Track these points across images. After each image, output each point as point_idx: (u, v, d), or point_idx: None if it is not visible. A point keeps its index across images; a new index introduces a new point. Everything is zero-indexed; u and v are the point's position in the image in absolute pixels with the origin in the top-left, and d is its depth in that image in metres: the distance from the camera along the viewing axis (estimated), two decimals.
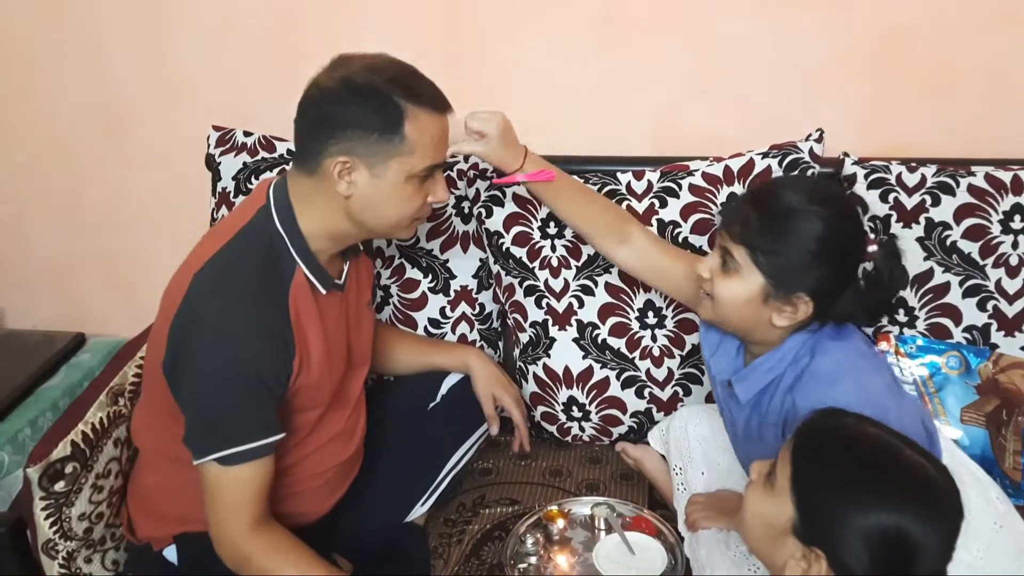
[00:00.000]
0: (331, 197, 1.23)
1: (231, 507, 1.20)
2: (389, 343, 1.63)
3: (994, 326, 1.57)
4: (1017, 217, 1.54)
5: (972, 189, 1.55)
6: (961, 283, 1.57)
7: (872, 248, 1.20)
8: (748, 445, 1.32)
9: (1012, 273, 1.55)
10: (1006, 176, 1.56)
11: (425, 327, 1.72)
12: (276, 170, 1.71)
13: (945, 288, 1.57)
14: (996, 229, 1.55)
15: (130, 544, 1.42)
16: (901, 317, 1.60)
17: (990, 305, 1.57)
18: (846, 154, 1.62)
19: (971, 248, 1.56)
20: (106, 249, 2.10)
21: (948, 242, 1.56)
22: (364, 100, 1.19)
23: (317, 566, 1.23)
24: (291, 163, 1.30)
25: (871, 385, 1.19)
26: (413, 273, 1.71)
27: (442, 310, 1.72)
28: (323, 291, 1.29)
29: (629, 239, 1.46)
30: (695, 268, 1.28)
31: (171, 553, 1.34)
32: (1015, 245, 1.55)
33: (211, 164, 1.78)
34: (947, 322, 1.58)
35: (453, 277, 1.71)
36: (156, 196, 2.03)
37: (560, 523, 1.46)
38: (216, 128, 1.80)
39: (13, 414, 1.82)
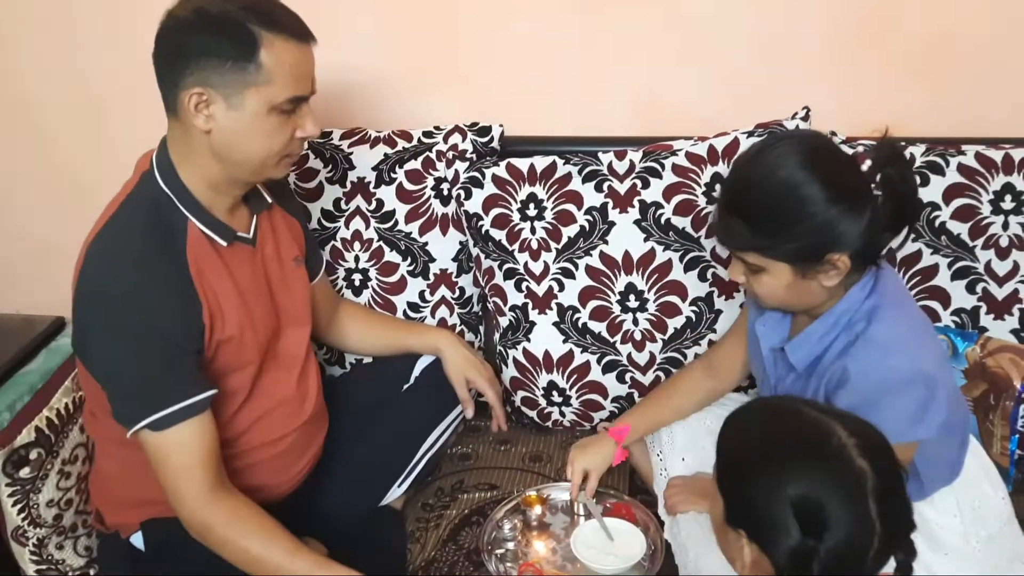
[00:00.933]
0: (197, 138, 1.20)
1: (177, 473, 1.18)
2: (361, 324, 1.61)
3: (983, 309, 1.54)
4: (1008, 197, 1.51)
5: (962, 168, 1.52)
6: (950, 265, 1.54)
7: (868, 163, 1.14)
8: None
9: (1002, 255, 1.52)
10: (997, 155, 1.52)
11: (404, 311, 1.69)
12: None
13: (933, 270, 1.54)
14: (986, 210, 1.51)
15: (99, 532, 1.40)
16: None
17: (979, 287, 1.54)
18: (833, 133, 1.58)
19: (960, 229, 1.52)
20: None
21: (937, 223, 1.53)
22: (217, 28, 1.15)
23: (280, 535, 1.21)
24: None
25: (926, 358, 1.16)
26: (392, 256, 1.68)
27: (421, 294, 1.69)
28: (223, 243, 1.26)
29: (713, 374, 1.49)
30: (729, 276, 1.24)
31: (138, 540, 1.32)
32: (1005, 226, 1.52)
33: None
34: (935, 305, 1.55)
35: (432, 260, 1.68)
36: None
37: (538, 509, 1.45)
38: None
39: None
